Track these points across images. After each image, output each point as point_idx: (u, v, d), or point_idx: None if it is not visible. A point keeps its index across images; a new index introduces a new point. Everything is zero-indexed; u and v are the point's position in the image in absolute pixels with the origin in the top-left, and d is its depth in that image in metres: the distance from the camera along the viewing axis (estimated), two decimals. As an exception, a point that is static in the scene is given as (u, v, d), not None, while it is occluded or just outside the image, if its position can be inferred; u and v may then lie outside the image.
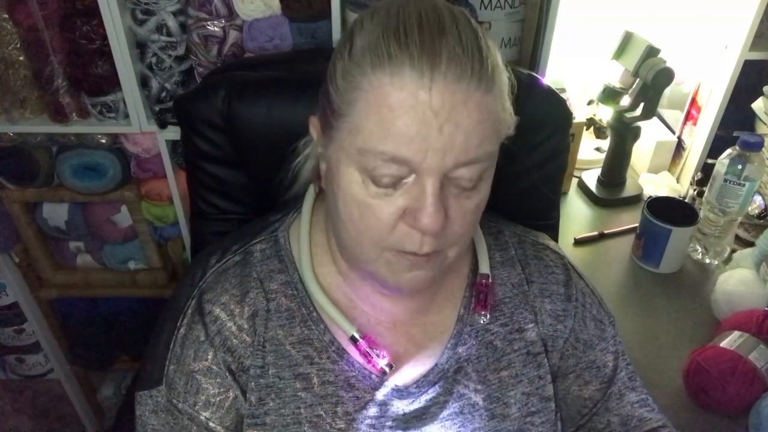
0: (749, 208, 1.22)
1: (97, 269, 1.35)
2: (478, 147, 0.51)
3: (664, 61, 1.18)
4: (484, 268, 0.68)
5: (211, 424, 0.63)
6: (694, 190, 1.28)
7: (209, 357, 0.63)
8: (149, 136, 1.09)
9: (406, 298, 0.65)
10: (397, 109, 0.48)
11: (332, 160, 0.56)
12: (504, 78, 0.53)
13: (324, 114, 0.56)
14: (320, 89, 0.57)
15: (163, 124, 1.06)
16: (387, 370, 0.63)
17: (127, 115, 1.05)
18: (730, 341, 0.91)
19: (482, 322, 0.67)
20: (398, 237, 0.54)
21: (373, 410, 0.64)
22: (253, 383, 0.63)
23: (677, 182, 1.39)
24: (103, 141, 1.12)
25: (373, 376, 0.64)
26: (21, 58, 1.01)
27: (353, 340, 0.63)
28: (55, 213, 1.24)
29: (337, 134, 0.54)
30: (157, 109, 1.05)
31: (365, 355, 0.63)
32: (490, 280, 0.68)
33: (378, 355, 0.63)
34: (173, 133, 1.07)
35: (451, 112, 0.48)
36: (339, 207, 0.56)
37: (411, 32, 0.49)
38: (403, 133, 0.49)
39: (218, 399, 0.63)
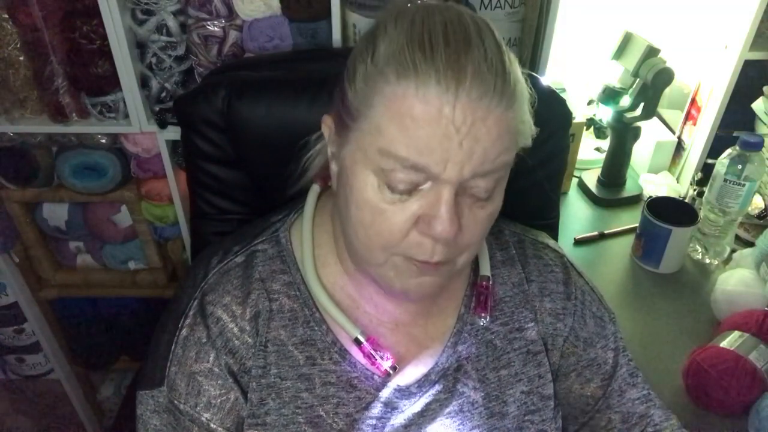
0: (749, 208, 1.22)
1: (97, 269, 1.35)
2: (495, 159, 0.51)
3: (664, 61, 1.18)
4: (485, 269, 0.68)
5: (212, 425, 0.63)
6: (694, 190, 1.28)
7: (211, 359, 0.63)
8: (149, 136, 1.08)
9: (410, 301, 0.65)
10: (420, 120, 0.48)
11: (347, 162, 0.55)
12: (525, 92, 0.53)
13: (339, 115, 0.56)
14: (336, 89, 0.57)
15: (163, 124, 1.06)
16: (391, 372, 0.63)
17: (127, 115, 1.05)
18: (730, 341, 0.91)
19: (482, 323, 0.67)
20: (409, 244, 0.54)
21: (374, 411, 0.64)
22: (254, 383, 0.63)
23: (677, 182, 1.39)
24: (103, 141, 1.12)
25: (375, 377, 0.64)
26: (21, 58, 1.01)
27: (357, 342, 0.63)
28: (55, 213, 1.24)
29: (353, 135, 0.54)
30: (157, 109, 1.05)
31: (369, 356, 0.63)
32: (490, 282, 0.68)
33: (382, 357, 0.63)
34: (173, 133, 1.07)
35: (472, 127, 0.48)
36: (351, 210, 0.55)
37: (437, 44, 0.48)
38: (425, 143, 0.49)
39: (219, 400, 0.63)
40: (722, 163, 1.10)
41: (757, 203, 1.26)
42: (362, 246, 0.56)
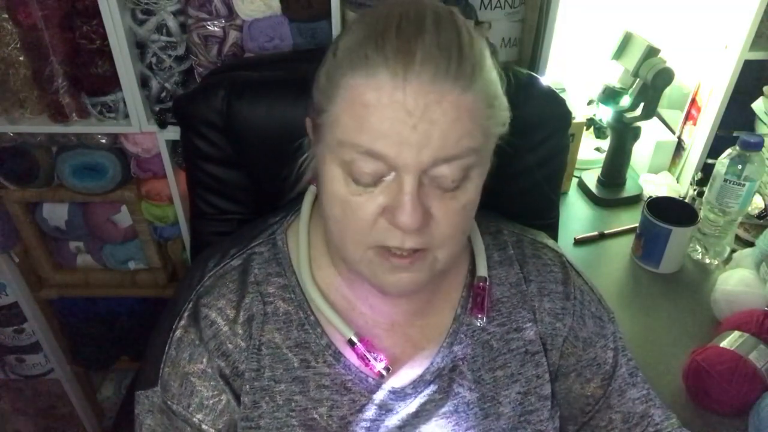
0: (749, 208, 1.22)
1: (97, 269, 1.35)
2: (456, 144, 0.50)
3: (664, 61, 1.18)
4: (482, 270, 0.68)
5: (204, 426, 0.63)
6: (694, 190, 1.28)
7: (204, 360, 0.63)
8: (149, 136, 1.08)
9: (403, 300, 0.65)
10: (371, 106, 0.49)
11: (319, 159, 0.56)
12: (490, 76, 0.53)
13: (311, 114, 0.57)
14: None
15: (163, 124, 1.06)
16: (384, 373, 0.63)
17: (127, 115, 1.05)
18: (730, 341, 0.91)
19: (479, 324, 0.67)
20: (379, 233, 0.53)
21: (368, 413, 0.64)
22: (248, 386, 0.63)
23: (677, 182, 1.39)
24: (103, 141, 1.12)
25: (370, 379, 0.64)
26: (21, 58, 1.01)
27: (351, 343, 0.63)
28: (55, 213, 1.24)
29: (321, 132, 0.55)
30: (157, 109, 1.05)
31: (362, 358, 0.63)
32: (487, 283, 0.67)
33: (375, 359, 0.63)
34: (173, 133, 1.07)
35: (425, 111, 0.49)
36: (326, 207, 0.56)
37: (389, 34, 0.49)
38: (377, 128, 0.49)
39: (212, 402, 0.63)
40: (722, 163, 1.10)
41: (757, 203, 1.26)
42: (339, 242, 0.57)
